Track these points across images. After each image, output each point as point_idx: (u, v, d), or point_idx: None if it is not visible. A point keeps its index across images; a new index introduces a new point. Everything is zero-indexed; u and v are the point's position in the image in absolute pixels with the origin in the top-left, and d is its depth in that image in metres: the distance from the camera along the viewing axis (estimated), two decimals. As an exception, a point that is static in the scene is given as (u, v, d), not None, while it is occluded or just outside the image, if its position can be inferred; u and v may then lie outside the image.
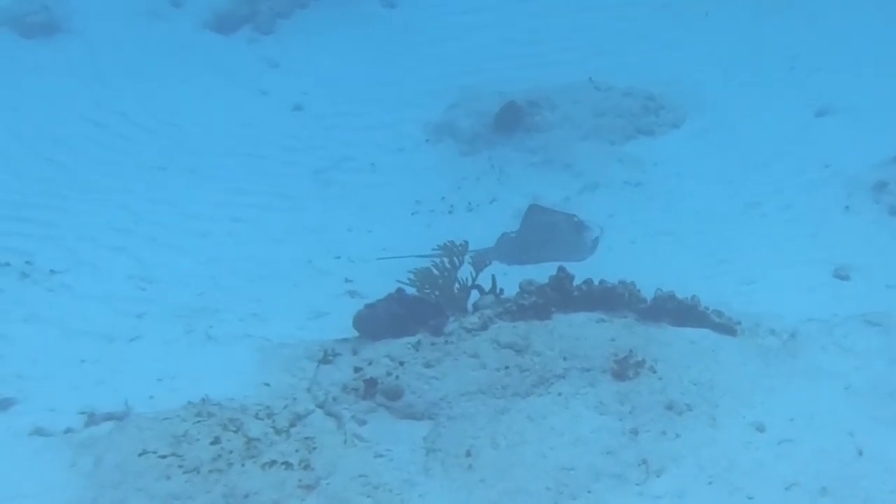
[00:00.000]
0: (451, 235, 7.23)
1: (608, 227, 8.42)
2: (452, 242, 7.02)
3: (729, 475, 5.46)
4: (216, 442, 5.63)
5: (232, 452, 5.58)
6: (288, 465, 5.54)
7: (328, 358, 6.49)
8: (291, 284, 8.03)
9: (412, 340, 6.47)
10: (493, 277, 6.97)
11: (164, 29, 12.28)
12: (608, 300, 6.72)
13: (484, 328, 6.52)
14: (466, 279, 6.98)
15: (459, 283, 6.95)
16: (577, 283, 6.76)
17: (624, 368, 6.09)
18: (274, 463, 5.55)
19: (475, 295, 6.97)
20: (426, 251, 7.33)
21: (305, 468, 5.54)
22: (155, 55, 11.76)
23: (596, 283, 6.76)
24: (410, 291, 6.78)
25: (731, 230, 8.30)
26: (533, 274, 6.99)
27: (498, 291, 6.91)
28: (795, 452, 5.57)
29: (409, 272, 6.91)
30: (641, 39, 11.51)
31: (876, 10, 11.29)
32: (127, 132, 10.46)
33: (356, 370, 6.31)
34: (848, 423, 5.76)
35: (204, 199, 9.36)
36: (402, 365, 6.29)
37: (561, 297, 6.69)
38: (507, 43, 11.82)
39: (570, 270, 6.79)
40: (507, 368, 6.18)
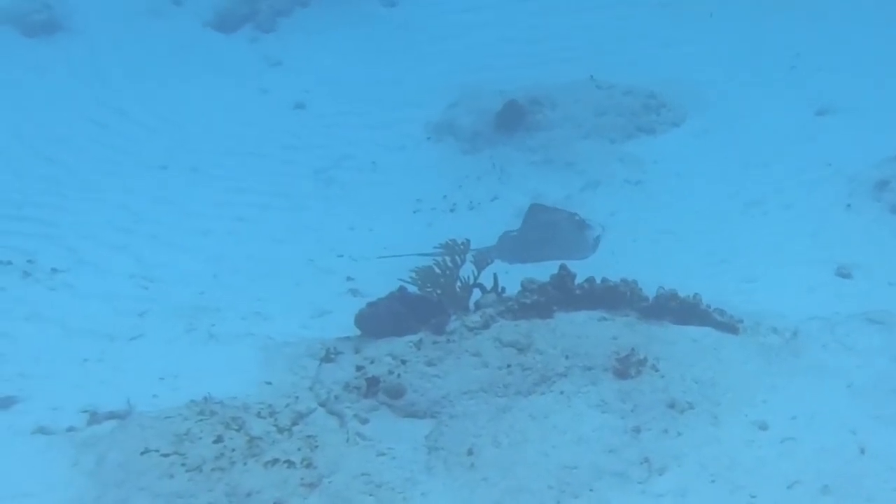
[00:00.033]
0: (452, 234, 7.22)
1: (609, 225, 8.43)
2: (454, 241, 7.02)
3: (731, 473, 5.45)
4: (218, 440, 5.63)
5: (234, 451, 5.58)
6: (290, 463, 5.54)
7: (330, 356, 6.48)
8: (293, 283, 8.03)
9: (414, 339, 6.47)
10: (494, 276, 6.96)
11: (164, 27, 12.29)
12: (610, 298, 6.71)
13: (486, 327, 6.52)
14: (468, 278, 6.97)
15: (461, 281, 6.94)
16: (578, 281, 6.75)
17: (626, 367, 6.08)
18: (276, 461, 5.54)
19: (477, 293, 6.96)
20: (428, 250, 7.34)
21: (308, 467, 5.54)
22: (156, 54, 11.77)
23: (598, 281, 6.76)
24: (412, 290, 6.78)
25: (732, 229, 8.27)
26: (534, 272, 6.99)
27: (500, 290, 6.90)
28: (797, 451, 5.57)
29: (410, 271, 6.92)
30: (642, 38, 11.49)
31: (877, 8, 11.27)
32: (128, 131, 10.47)
33: (358, 368, 6.31)
34: (850, 421, 5.75)
35: (205, 197, 9.36)
36: (404, 363, 6.29)
37: (563, 295, 6.68)
38: (507, 41, 11.80)
39: (571, 269, 6.79)
40: (508, 367, 6.17)
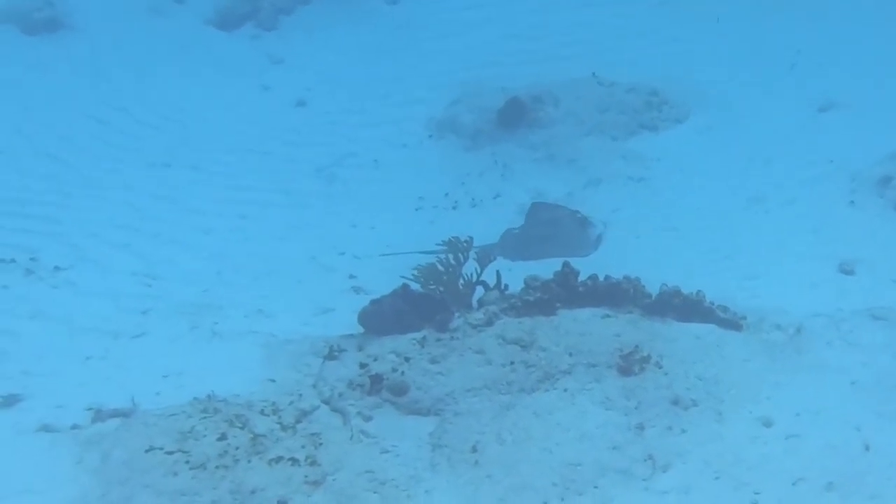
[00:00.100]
0: (454, 231, 7.23)
1: (612, 222, 8.43)
2: (457, 238, 7.02)
3: (735, 470, 5.45)
4: (222, 438, 5.64)
5: (238, 448, 5.58)
6: (294, 461, 5.54)
7: (334, 354, 6.48)
8: (296, 281, 8.03)
9: (417, 336, 6.46)
10: (497, 273, 6.95)
11: (166, 25, 12.30)
12: (613, 296, 6.70)
13: (489, 324, 6.51)
14: (471, 275, 6.96)
15: (464, 278, 6.94)
16: (581, 278, 6.75)
17: (629, 364, 6.08)
18: (280, 459, 5.55)
19: (480, 291, 6.95)
20: (430, 247, 7.34)
21: (312, 464, 5.54)
22: (157, 52, 11.79)
23: (601, 278, 6.75)
24: (415, 287, 6.78)
25: (735, 225, 8.27)
26: (537, 270, 6.99)
27: (503, 287, 6.89)
28: (802, 447, 5.56)
29: (413, 268, 6.92)
30: (644, 35, 11.49)
31: (879, 6, 11.24)
32: (130, 129, 10.49)
33: (362, 366, 6.30)
34: (854, 418, 5.73)
35: (207, 195, 9.38)
36: (407, 361, 6.28)
37: (566, 292, 6.67)
38: (509, 38, 11.80)
39: (574, 266, 6.78)
40: (512, 364, 6.17)
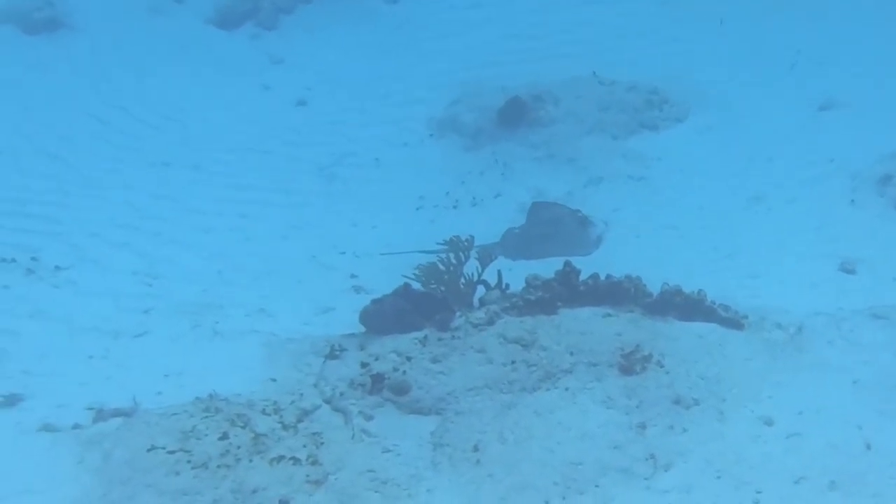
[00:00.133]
0: (455, 230, 7.24)
1: (612, 221, 8.44)
2: (458, 237, 7.02)
3: (737, 469, 5.44)
4: (224, 437, 5.64)
5: (240, 448, 5.58)
6: (296, 460, 5.54)
7: (335, 353, 6.47)
8: (297, 280, 8.04)
9: (419, 335, 6.46)
10: (498, 272, 6.95)
11: (166, 25, 12.29)
12: (614, 295, 6.70)
13: (490, 323, 6.51)
14: (472, 274, 6.97)
15: (465, 278, 6.94)
16: (582, 277, 6.75)
17: (631, 363, 6.08)
18: (282, 458, 5.55)
19: (481, 290, 6.96)
20: (431, 246, 7.34)
21: (313, 463, 5.54)
22: (157, 51, 11.77)
23: (602, 277, 6.75)
24: (416, 287, 6.77)
25: (735, 224, 8.28)
26: (538, 269, 7.00)
27: (504, 286, 6.89)
28: (803, 446, 5.56)
29: (414, 268, 6.92)
30: (644, 34, 11.49)
31: (879, 5, 11.25)
32: (130, 128, 10.48)
33: (363, 365, 6.30)
34: (856, 416, 5.73)
35: (208, 194, 9.37)
36: (408, 360, 6.28)
37: (567, 291, 6.67)
38: (509, 38, 11.81)
39: (574, 265, 6.78)
40: (513, 363, 6.17)
